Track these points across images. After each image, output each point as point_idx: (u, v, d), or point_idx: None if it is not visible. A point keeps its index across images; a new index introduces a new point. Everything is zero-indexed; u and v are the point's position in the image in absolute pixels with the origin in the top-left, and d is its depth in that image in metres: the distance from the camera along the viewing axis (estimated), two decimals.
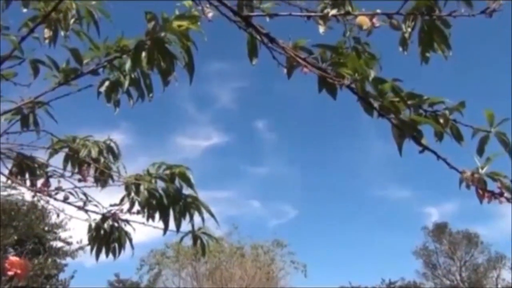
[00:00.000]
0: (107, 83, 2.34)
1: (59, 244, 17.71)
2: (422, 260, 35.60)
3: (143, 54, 1.92)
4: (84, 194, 2.51)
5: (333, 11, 1.64)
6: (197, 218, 2.45)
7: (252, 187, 41.67)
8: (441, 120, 1.49)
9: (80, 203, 2.49)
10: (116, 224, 2.58)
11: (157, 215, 2.41)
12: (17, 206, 15.86)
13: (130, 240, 2.59)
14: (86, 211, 2.51)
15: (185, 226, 2.47)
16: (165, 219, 2.36)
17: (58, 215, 3.22)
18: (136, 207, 2.46)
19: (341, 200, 42.72)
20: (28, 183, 2.56)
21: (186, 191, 2.45)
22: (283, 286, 23.99)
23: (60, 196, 2.50)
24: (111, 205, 2.56)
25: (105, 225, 2.57)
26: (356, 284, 25.42)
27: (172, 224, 2.43)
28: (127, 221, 2.56)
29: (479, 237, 34.35)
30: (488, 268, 34.26)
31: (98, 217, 2.56)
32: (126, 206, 2.51)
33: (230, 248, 23.02)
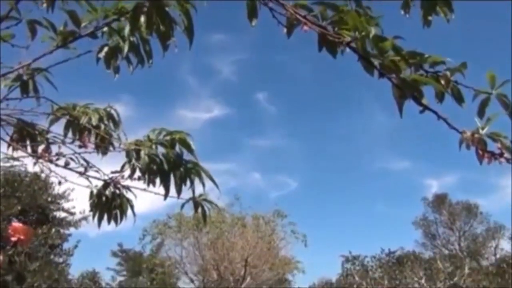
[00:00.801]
0: (106, 48, 2.32)
1: (62, 214, 17.92)
2: (422, 230, 36.03)
3: (142, 18, 1.90)
4: (85, 160, 2.52)
5: None
6: (199, 189, 2.46)
7: (253, 159, 41.89)
8: (442, 81, 1.48)
9: (81, 169, 2.50)
10: (117, 191, 2.59)
11: (158, 181, 2.42)
12: (20, 177, 15.98)
13: (132, 207, 2.61)
14: (88, 177, 2.52)
15: (187, 195, 2.49)
16: (166, 184, 2.37)
17: (60, 183, 3.25)
18: (137, 173, 2.47)
19: (341, 172, 42.95)
20: (29, 149, 2.56)
21: (187, 157, 2.45)
22: (283, 255, 24.35)
23: (61, 162, 2.51)
24: (112, 172, 2.57)
25: (107, 192, 2.58)
26: (356, 253, 25.71)
27: (172, 191, 2.44)
28: (128, 188, 2.57)
29: (479, 208, 34.68)
30: (487, 238, 34.66)
31: (100, 183, 2.57)
32: (127, 173, 2.52)
33: (232, 219, 23.25)
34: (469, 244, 34.65)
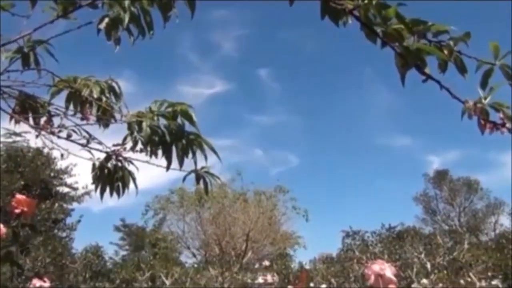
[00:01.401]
0: (106, 19, 2.30)
1: (65, 189, 18.06)
2: (422, 206, 36.25)
3: None
4: (87, 132, 2.52)
5: None
6: (201, 163, 2.47)
7: (255, 135, 41.96)
8: (445, 51, 1.47)
9: (84, 142, 2.50)
10: (119, 164, 2.60)
11: (160, 153, 2.43)
12: (23, 152, 16.06)
13: (134, 180, 2.62)
14: (90, 149, 2.53)
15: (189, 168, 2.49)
16: (168, 156, 2.37)
17: (62, 156, 3.28)
18: (139, 145, 2.47)
19: (343, 148, 43.00)
20: (31, 121, 2.56)
21: (189, 130, 2.45)
22: (285, 230, 24.58)
23: (64, 134, 2.51)
24: (114, 145, 2.57)
25: (109, 165, 2.59)
26: (357, 229, 25.93)
27: (175, 165, 2.45)
28: (130, 161, 2.58)
29: (479, 184, 34.79)
30: (486, 213, 34.89)
31: (102, 156, 2.58)
32: (129, 145, 2.53)
33: (233, 194, 23.41)
34: (469, 220, 34.90)
